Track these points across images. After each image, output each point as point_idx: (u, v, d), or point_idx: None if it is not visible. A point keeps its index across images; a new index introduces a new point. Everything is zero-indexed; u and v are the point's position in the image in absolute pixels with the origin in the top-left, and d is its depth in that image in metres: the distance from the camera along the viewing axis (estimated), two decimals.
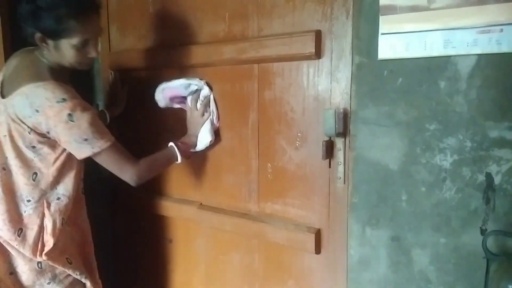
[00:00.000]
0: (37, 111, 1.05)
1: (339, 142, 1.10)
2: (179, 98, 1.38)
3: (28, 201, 1.14)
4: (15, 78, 1.11)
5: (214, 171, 1.40)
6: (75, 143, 1.09)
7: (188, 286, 1.57)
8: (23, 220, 1.14)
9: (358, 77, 1.05)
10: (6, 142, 1.12)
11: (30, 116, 1.06)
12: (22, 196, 1.14)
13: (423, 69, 0.95)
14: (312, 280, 1.23)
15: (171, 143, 1.26)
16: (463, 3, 0.87)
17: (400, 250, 1.04)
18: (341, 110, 1.08)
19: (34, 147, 1.11)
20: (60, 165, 1.15)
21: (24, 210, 1.15)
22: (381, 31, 0.98)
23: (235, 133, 1.33)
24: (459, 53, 0.89)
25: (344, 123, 1.08)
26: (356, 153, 1.08)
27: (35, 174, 1.14)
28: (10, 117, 1.09)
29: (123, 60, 1.58)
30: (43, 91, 1.05)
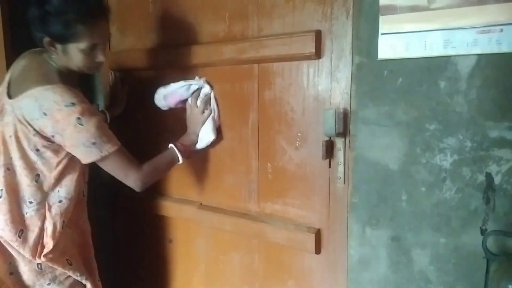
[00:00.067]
0: (45, 114, 1.05)
1: (339, 142, 1.10)
2: (183, 102, 1.37)
3: (30, 202, 1.14)
4: (23, 80, 1.11)
5: (214, 171, 1.40)
6: (83, 147, 1.09)
7: (188, 286, 1.57)
8: (25, 222, 1.14)
9: (358, 77, 1.05)
10: (11, 142, 1.12)
11: (37, 119, 1.06)
12: (25, 197, 1.14)
13: (423, 69, 0.95)
14: (312, 280, 1.23)
15: (171, 145, 1.26)
16: (463, 3, 0.87)
17: (400, 250, 1.04)
18: (341, 110, 1.08)
19: (38, 150, 1.11)
20: (62, 169, 1.16)
21: (26, 211, 1.15)
22: (381, 31, 0.98)
23: (235, 133, 1.32)
24: (459, 53, 0.89)
25: (344, 123, 1.08)
26: (356, 153, 1.08)
27: (38, 176, 1.14)
28: (17, 118, 1.09)
29: (123, 60, 1.58)
30: (52, 95, 1.05)
